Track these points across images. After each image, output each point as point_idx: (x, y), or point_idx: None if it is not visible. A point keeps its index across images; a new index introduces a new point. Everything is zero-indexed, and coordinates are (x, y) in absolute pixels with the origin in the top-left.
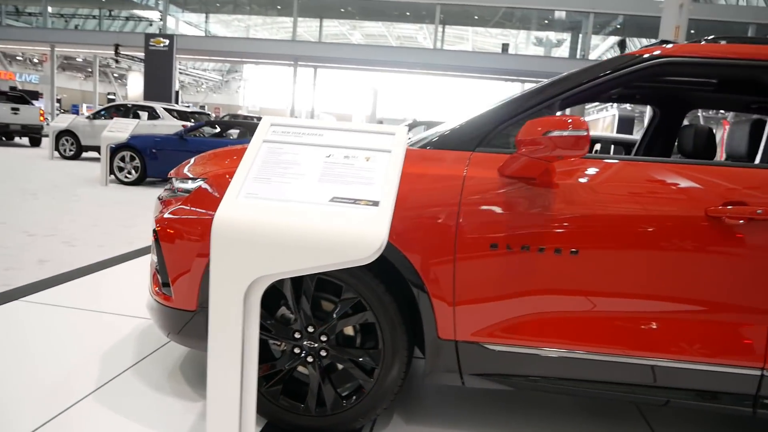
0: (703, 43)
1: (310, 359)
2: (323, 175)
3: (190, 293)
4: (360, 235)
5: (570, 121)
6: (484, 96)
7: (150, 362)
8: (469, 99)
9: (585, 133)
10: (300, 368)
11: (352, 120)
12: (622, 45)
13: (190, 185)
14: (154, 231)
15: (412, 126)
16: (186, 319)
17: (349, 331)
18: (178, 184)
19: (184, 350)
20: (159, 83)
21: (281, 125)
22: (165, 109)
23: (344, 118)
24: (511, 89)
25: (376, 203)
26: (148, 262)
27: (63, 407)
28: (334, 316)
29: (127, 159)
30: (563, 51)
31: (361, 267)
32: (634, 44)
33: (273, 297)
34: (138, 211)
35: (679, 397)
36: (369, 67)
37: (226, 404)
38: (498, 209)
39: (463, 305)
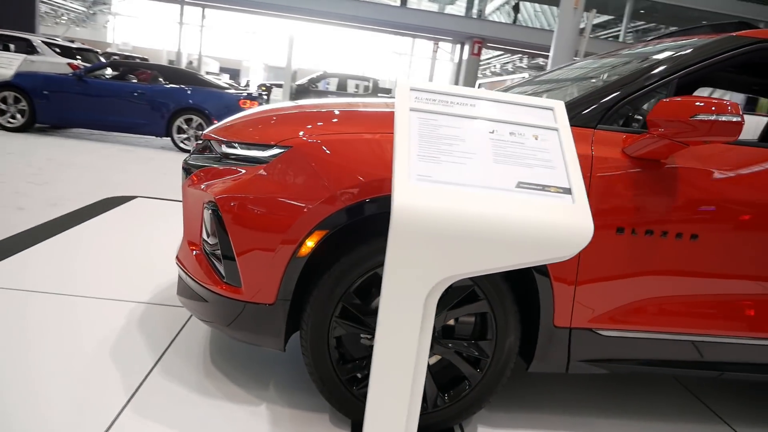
0: None
1: None
2: (496, 155)
3: (269, 285)
4: (563, 228)
5: (728, 105)
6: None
7: (174, 358)
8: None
9: (739, 119)
10: None
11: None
12: (516, 8)
13: (259, 153)
14: (213, 208)
15: (320, 78)
16: (259, 313)
17: (452, 322)
18: (229, 149)
19: (204, 340)
20: (16, 7)
21: (424, 91)
22: (45, 42)
23: (233, 64)
24: (409, 44)
25: (567, 190)
26: (105, 227)
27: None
28: (445, 306)
29: (11, 101)
30: (459, 8)
31: None
32: (526, 7)
33: (367, 286)
34: (43, 164)
35: None
36: (257, 9)
37: (391, 412)
38: (627, 192)
39: (583, 292)
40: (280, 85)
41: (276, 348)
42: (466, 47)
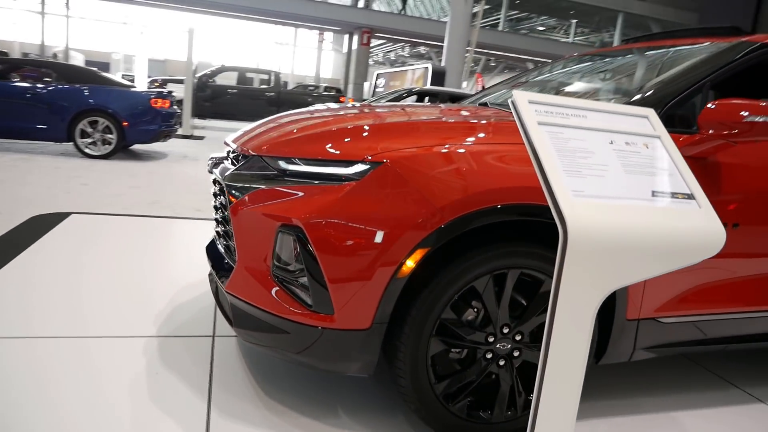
0: None
1: (501, 362)
2: (625, 166)
3: (365, 309)
4: (701, 233)
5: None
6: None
7: (224, 395)
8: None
9: None
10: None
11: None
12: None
13: (342, 170)
14: (297, 233)
15: (218, 72)
16: (352, 340)
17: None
18: (295, 166)
19: (241, 369)
20: None
21: (541, 103)
22: None
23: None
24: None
25: (690, 196)
26: (56, 253)
27: None
28: (532, 312)
29: None
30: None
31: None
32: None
33: (461, 299)
34: None
35: None
36: None
37: (559, 423)
38: None
39: (651, 285)
40: (176, 80)
41: (364, 373)
42: (355, 37)
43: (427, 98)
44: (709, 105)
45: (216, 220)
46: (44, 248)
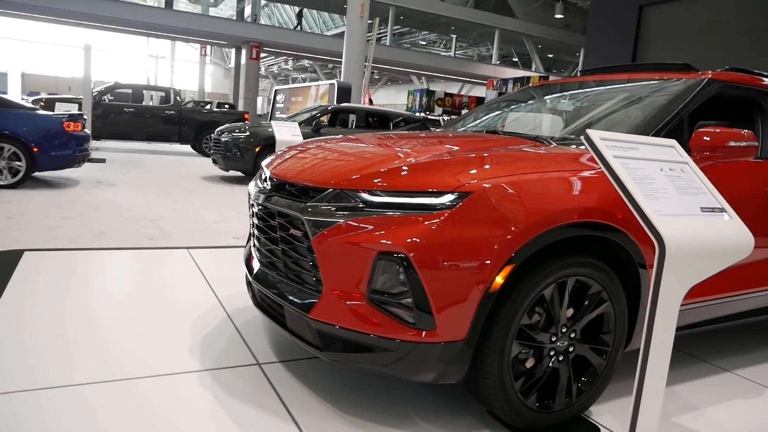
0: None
1: (560, 357)
2: (676, 188)
3: (462, 322)
4: (738, 239)
5: (746, 133)
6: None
7: (310, 420)
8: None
9: (756, 143)
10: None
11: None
12: (299, 15)
13: (432, 200)
14: (400, 259)
15: (111, 89)
16: (452, 351)
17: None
18: (381, 198)
19: (304, 390)
20: None
21: (608, 140)
22: None
23: None
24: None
25: (721, 210)
26: (34, 297)
27: None
28: (583, 312)
29: None
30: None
31: (604, 262)
32: (313, 15)
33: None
34: None
35: None
36: None
37: (653, 411)
38: None
39: None
40: (62, 99)
41: (455, 380)
42: (244, 51)
43: (344, 115)
44: (699, 131)
45: (265, 250)
46: (23, 292)
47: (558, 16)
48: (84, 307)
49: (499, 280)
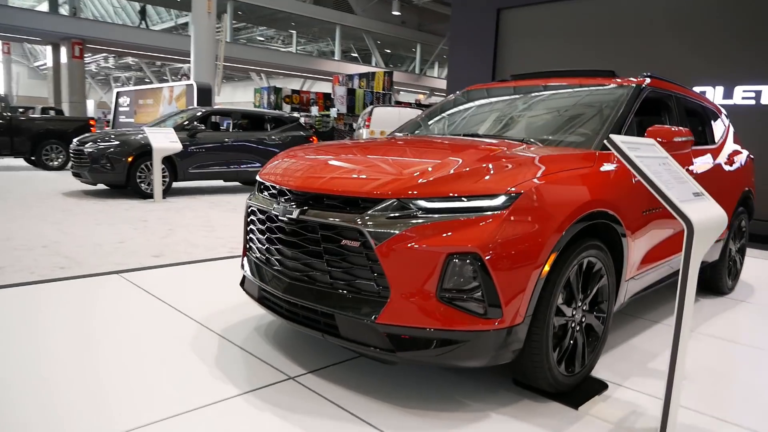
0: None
1: (578, 327)
2: (674, 179)
3: (521, 308)
4: (720, 216)
5: (684, 130)
6: None
7: (368, 414)
8: None
9: (692, 138)
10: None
11: None
12: (143, 11)
13: (488, 203)
14: (473, 258)
15: None
16: (514, 333)
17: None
18: (441, 204)
19: (354, 399)
20: None
21: (629, 143)
22: None
23: None
24: None
25: (701, 194)
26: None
27: None
28: (592, 287)
29: None
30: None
31: (602, 242)
32: (158, 11)
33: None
34: None
35: None
36: None
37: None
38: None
39: (631, 256)
40: None
41: (510, 359)
42: (64, 49)
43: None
44: (651, 129)
45: (301, 264)
46: None
47: (395, 12)
48: (61, 356)
49: (547, 267)
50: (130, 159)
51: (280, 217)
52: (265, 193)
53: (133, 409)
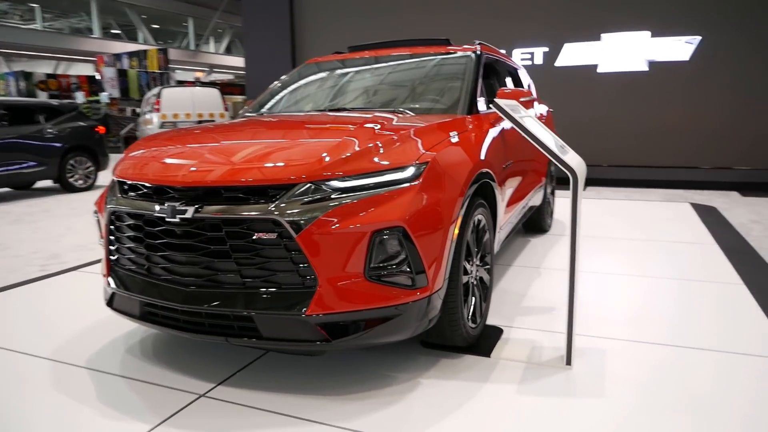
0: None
1: (476, 282)
2: (544, 130)
3: (441, 272)
4: (583, 163)
5: (525, 91)
6: None
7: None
8: None
9: (534, 97)
10: None
11: None
12: None
13: (399, 175)
14: (399, 231)
15: None
16: (437, 298)
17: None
18: (355, 182)
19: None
20: None
21: (510, 106)
22: None
23: None
24: None
25: (564, 146)
26: None
27: None
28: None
29: None
30: None
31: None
32: None
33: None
34: None
35: None
36: None
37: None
38: (501, 145)
39: (502, 207)
40: None
41: (431, 326)
42: None
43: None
44: (501, 91)
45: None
46: None
47: None
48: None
49: (456, 230)
50: None
51: (167, 219)
52: (132, 193)
53: None
